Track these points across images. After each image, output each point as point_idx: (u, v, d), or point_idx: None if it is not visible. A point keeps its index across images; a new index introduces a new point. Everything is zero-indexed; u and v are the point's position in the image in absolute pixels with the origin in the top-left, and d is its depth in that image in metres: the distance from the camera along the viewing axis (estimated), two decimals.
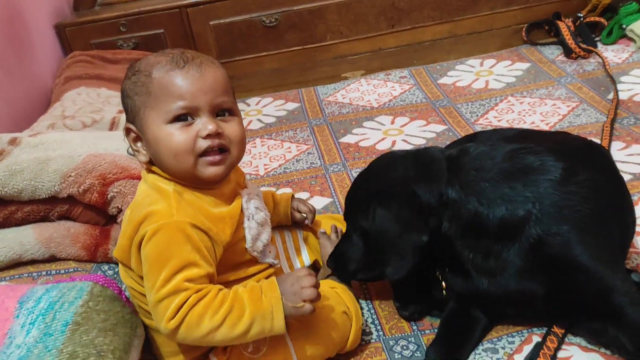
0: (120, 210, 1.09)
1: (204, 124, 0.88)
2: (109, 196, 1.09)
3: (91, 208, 1.12)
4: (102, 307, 0.88)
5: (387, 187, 1.03)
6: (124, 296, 0.96)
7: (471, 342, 1.01)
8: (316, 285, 0.91)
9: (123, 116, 1.61)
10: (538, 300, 0.95)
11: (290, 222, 1.19)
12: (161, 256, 0.86)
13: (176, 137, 0.88)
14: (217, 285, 0.89)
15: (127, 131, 0.94)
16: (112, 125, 1.55)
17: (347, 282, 1.10)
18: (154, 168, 0.93)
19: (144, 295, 0.91)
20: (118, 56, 2.14)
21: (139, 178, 1.12)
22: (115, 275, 1.08)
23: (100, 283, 0.94)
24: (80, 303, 0.87)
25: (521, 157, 0.98)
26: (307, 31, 2.33)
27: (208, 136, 0.88)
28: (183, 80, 0.88)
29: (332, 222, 1.23)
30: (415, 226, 0.98)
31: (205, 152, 0.89)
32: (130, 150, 0.97)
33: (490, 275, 0.97)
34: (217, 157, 0.90)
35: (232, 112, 0.93)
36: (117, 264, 1.12)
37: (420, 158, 1.05)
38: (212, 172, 0.90)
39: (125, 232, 0.91)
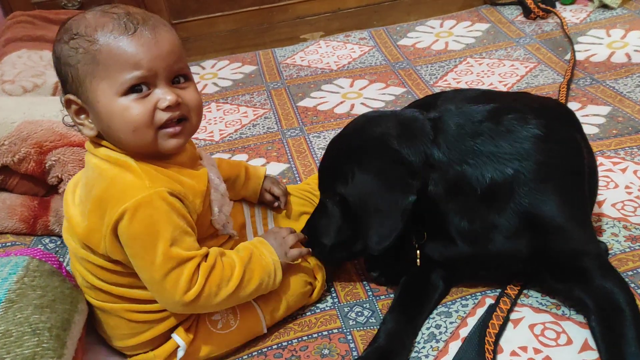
0: (60, 180, 1.03)
1: (163, 95, 0.81)
2: (47, 165, 1.03)
3: (29, 178, 1.06)
4: (38, 283, 0.84)
5: (366, 147, 0.95)
6: (64, 270, 0.92)
7: (428, 309, 1.00)
8: (301, 240, 1.00)
9: None
10: (520, 261, 0.94)
11: (256, 200, 1.15)
12: (151, 230, 0.81)
13: (133, 110, 0.80)
14: (213, 248, 0.90)
15: (68, 103, 0.84)
16: (55, 90, 1.47)
17: (322, 259, 1.06)
18: (103, 142, 0.85)
19: (109, 272, 0.87)
20: (62, 16, 2.01)
21: (79, 145, 1.05)
22: (57, 249, 1.03)
23: (37, 257, 0.89)
24: (14, 279, 0.83)
25: (503, 115, 0.94)
26: None
27: (168, 108, 0.81)
28: (137, 47, 0.79)
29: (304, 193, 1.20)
30: (401, 186, 0.90)
31: (165, 124, 0.83)
32: (68, 121, 0.89)
33: (475, 239, 0.94)
34: (177, 129, 0.84)
35: (188, 78, 0.86)
36: (58, 236, 1.07)
37: (400, 118, 0.98)
38: (174, 144, 0.85)
39: (90, 212, 0.84)
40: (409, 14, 2.37)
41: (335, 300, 1.06)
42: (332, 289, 1.09)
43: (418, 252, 1.00)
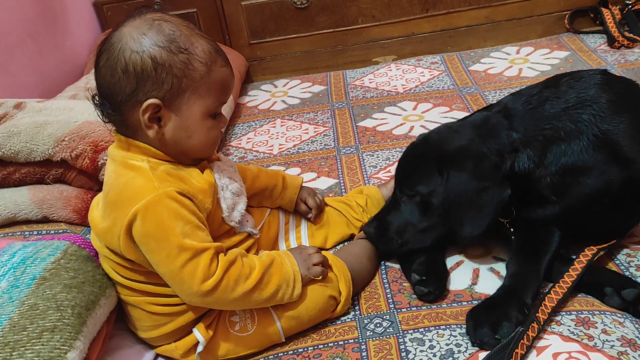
0: None
1: (224, 119, 0.95)
2: (99, 163, 1.11)
3: (84, 173, 1.15)
4: (72, 266, 0.91)
5: (457, 152, 1.05)
6: (99, 260, 0.98)
7: (549, 251, 1.05)
8: (324, 263, 1.01)
9: None
10: (610, 195, 1.00)
11: (292, 209, 1.19)
12: (163, 227, 0.86)
13: (215, 131, 0.93)
14: (235, 249, 0.95)
15: (154, 107, 0.87)
16: None
17: (385, 251, 1.13)
18: (139, 144, 0.90)
19: (127, 270, 0.93)
20: None
21: None
22: None
23: (77, 244, 0.96)
24: (51, 260, 0.90)
25: (558, 81, 1.07)
26: (339, 14, 2.30)
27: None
28: (231, 81, 0.93)
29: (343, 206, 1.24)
30: (497, 182, 1.01)
31: None
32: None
33: (568, 188, 1.01)
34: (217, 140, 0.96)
35: None
36: None
37: (475, 123, 1.09)
38: (214, 152, 0.99)
39: (107, 215, 0.90)
40: (486, 40, 2.32)
41: (357, 312, 1.06)
42: (356, 301, 1.08)
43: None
